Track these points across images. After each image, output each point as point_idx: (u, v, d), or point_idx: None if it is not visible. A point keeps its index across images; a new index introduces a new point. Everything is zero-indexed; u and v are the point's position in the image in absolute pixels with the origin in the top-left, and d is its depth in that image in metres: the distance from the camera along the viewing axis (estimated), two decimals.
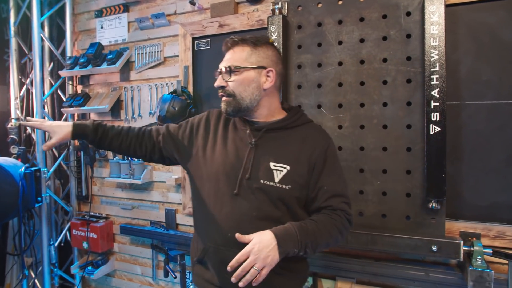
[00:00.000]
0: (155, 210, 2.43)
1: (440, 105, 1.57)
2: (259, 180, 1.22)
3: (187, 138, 1.39)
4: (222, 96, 1.30)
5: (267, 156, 1.25)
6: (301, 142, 1.28)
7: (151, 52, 2.36)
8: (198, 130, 1.38)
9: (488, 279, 1.47)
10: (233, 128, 1.34)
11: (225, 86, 1.28)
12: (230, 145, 1.29)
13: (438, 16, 1.57)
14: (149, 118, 2.38)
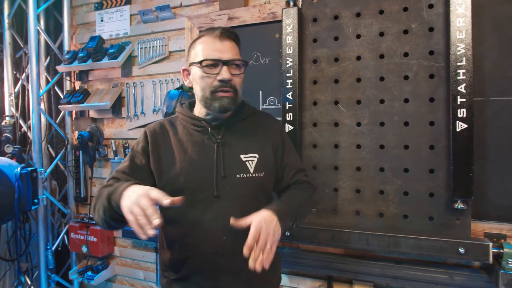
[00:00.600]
0: None
1: (467, 101, 1.51)
2: (236, 175, 1.20)
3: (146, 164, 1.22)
4: (227, 90, 1.18)
5: (235, 150, 1.24)
6: (258, 129, 1.31)
7: (155, 47, 2.25)
8: (149, 151, 1.22)
9: None
10: (187, 132, 1.24)
11: (231, 80, 1.18)
12: (193, 150, 1.21)
13: (465, 8, 1.51)
14: (152, 115, 2.27)
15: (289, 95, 1.79)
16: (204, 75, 1.18)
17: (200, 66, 1.18)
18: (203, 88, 1.20)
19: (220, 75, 1.16)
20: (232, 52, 1.19)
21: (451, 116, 1.53)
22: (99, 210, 1.09)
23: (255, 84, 2.01)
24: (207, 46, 1.18)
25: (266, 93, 1.99)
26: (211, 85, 1.18)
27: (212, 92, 1.18)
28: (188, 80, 1.29)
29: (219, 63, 1.16)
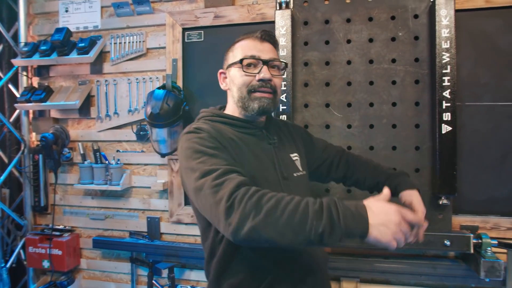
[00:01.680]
0: (134, 219, 2.17)
1: (451, 105, 1.64)
2: (293, 174, 1.21)
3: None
4: (266, 91, 1.14)
5: (286, 150, 1.26)
6: (286, 131, 1.34)
7: (131, 42, 2.10)
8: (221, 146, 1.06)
9: (499, 268, 1.57)
10: (236, 135, 1.13)
11: (271, 80, 1.15)
12: (249, 152, 1.11)
13: (449, 20, 1.64)
14: (127, 116, 2.11)
15: (282, 97, 1.79)
16: (243, 74, 1.14)
17: (239, 66, 1.14)
18: (240, 88, 1.15)
19: (260, 74, 1.13)
20: (273, 54, 1.18)
21: (437, 119, 1.65)
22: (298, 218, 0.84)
23: None
24: (247, 46, 1.16)
25: None
26: (249, 84, 1.14)
27: (249, 91, 1.14)
28: (225, 84, 1.25)
29: (259, 62, 1.14)
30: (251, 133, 1.18)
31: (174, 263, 2.01)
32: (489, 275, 1.57)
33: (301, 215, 0.83)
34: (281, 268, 1.08)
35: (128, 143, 2.16)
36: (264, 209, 0.84)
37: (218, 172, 0.93)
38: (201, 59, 2.02)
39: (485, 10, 1.74)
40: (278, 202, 0.85)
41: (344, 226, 0.82)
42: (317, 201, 0.87)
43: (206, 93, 2.02)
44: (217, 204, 0.88)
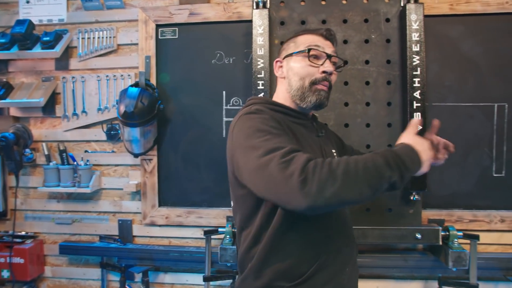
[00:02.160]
0: (104, 222, 2.08)
1: (421, 105, 1.73)
2: None
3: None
4: (326, 85, 1.17)
5: (330, 144, 1.32)
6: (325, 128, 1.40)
7: (101, 38, 2.00)
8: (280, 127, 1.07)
9: (465, 258, 1.68)
10: (295, 124, 1.18)
11: (332, 74, 1.18)
12: (307, 139, 1.18)
13: (419, 25, 1.73)
14: (97, 115, 2.02)
15: (261, 96, 1.79)
16: (308, 64, 1.16)
17: (304, 55, 1.16)
18: (303, 78, 1.16)
19: (323, 66, 1.15)
20: (334, 50, 1.21)
21: (408, 118, 1.74)
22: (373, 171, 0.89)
23: (218, 84, 1.96)
24: (312, 39, 1.19)
25: (230, 93, 1.96)
26: (312, 76, 1.16)
27: (312, 83, 1.15)
28: (281, 71, 1.25)
29: (324, 55, 1.16)
30: (302, 124, 1.21)
31: (149, 266, 1.95)
32: (456, 264, 1.68)
33: (375, 171, 0.89)
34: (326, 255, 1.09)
35: (97, 143, 2.06)
36: (339, 175, 0.87)
37: (285, 149, 0.92)
38: (175, 56, 1.97)
39: (450, 17, 1.85)
40: (348, 165, 0.89)
41: (411, 170, 0.95)
42: (378, 155, 0.93)
43: (181, 91, 1.98)
44: (287, 179, 0.86)
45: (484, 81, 1.85)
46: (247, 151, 0.97)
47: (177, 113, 1.99)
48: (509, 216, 1.85)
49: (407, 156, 0.95)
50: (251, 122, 1.03)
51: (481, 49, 1.85)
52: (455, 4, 1.83)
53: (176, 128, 1.99)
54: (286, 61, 1.23)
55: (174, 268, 2.03)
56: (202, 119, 1.98)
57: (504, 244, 1.89)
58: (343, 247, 1.15)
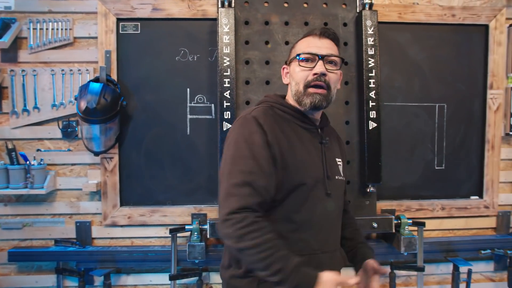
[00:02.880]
0: (59, 225, 1.96)
1: (376, 104, 1.88)
2: (335, 177, 1.27)
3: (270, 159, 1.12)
4: (320, 86, 1.18)
5: (333, 153, 1.32)
6: (335, 136, 1.43)
7: (55, 30, 1.89)
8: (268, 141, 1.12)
9: (414, 243, 1.86)
10: (292, 128, 1.21)
11: (326, 75, 1.18)
12: (303, 147, 1.19)
13: (373, 30, 1.87)
14: (51, 111, 1.90)
15: (226, 94, 1.82)
16: (300, 69, 1.20)
17: (297, 61, 1.21)
18: (297, 82, 1.21)
19: (315, 68, 1.18)
20: (331, 49, 1.21)
21: (364, 116, 1.88)
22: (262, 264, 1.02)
23: (182, 81, 1.95)
24: (306, 43, 1.23)
25: (194, 91, 1.96)
26: (305, 79, 1.19)
27: (305, 86, 1.19)
28: (286, 78, 1.31)
29: (316, 57, 1.18)
30: (307, 129, 1.24)
31: (111, 268, 1.88)
32: (407, 249, 1.85)
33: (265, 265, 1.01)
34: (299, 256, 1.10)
35: (51, 141, 1.94)
36: (243, 244, 1.02)
37: (237, 181, 1.06)
38: (138, 52, 1.93)
39: (398, 24, 2.03)
40: (256, 246, 1.01)
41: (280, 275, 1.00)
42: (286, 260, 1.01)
43: (144, 88, 1.94)
44: (221, 207, 1.07)
45: (427, 83, 2.06)
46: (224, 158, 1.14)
47: (140, 110, 1.94)
48: (448, 204, 2.08)
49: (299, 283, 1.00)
50: (240, 130, 1.14)
51: (424, 54, 2.05)
52: (403, 13, 2.01)
53: (139, 126, 1.94)
54: (289, 67, 1.29)
55: (137, 269, 1.98)
56: (166, 116, 1.95)
57: (444, 229, 2.12)
58: (320, 253, 1.18)
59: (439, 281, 2.15)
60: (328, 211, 1.21)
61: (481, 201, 2.09)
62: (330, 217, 1.23)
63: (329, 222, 1.23)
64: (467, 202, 2.09)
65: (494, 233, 2.15)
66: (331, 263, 1.20)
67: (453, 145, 2.09)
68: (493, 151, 2.08)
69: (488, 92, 2.06)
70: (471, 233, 2.14)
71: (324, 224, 1.21)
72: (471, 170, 2.11)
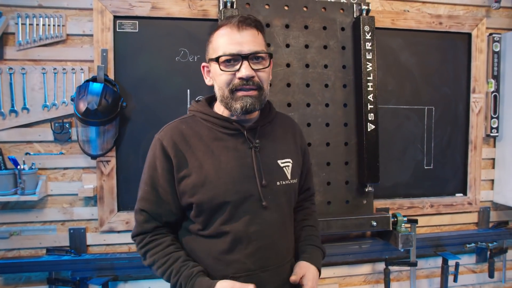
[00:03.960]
0: (51, 233, 1.85)
1: (374, 107, 1.94)
2: (276, 183, 1.13)
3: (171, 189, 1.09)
4: (250, 89, 1.05)
5: (272, 155, 1.15)
6: (287, 132, 1.24)
7: (46, 26, 1.78)
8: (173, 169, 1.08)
9: (411, 239, 1.94)
10: (214, 136, 1.10)
11: (254, 76, 1.05)
12: (227, 157, 1.07)
13: (371, 35, 1.94)
14: (42, 112, 1.78)
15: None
16: (222, 73, 1.05)
17: (216, 63, 1.05)
18: (221, 87, 1.07)
19: (240, 72, 1.03)
20: (254, 43, 1.04)
21: (363, 118, 1.94)
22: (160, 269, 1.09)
23: (182, 82, 1.91)
24: (224, 39, 1.05)
25: (194, 92, 1.93)
26: (230, 83, 1.05)
27: (231, 90, 1.05)
28: (209, 78, 1.16)
29: (239, 58, 1.03)
30: (231, 134, 1.11)
31: (110, 276, 1.80)
32: (404, 246, 1.93)
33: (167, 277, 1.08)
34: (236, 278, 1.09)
35: (41, 144, 1.82)
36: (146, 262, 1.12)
37: (137, 207, 1.13)
38: (136, 51, 1.86)
39: (391, 30, 2.11)
40: (154, 262, 1.09)
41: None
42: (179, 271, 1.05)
43: (142, 89, 1.87)
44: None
45: (417, 87, 2.16)
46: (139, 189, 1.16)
47: (138, 112, 1.87)
48: (436, 202, 2.20)
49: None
50: (148, 157, 1.14)
51: (415, 59, 2.15)
52: (396, 19, 2.10)
53: (137, 127, 1.88)
54: (210, 66, 1.13)
55: (135, 276, 1.91)
56: (165, 117, 1.86)
57: (432, 226, 2.24)
58: (259, 272, 1.09)
59: (427, 275, 2.27)
60: (267, 225, 1.09)
61: (465, 198, 2.23)
62: (270, 231, 1.10)
63: (270, 237, 1.10)
64: (453, 199, 2.22)
65: (476, 227, 2.30)
66: (276, 281, 1.12)
67: (440, 146, 2.21)
68: (476, 151, 2.23)
69: (471, 96, 2.21)
70: (455, 229, 2.28)
71: (262, 241, 1.08)
72: (456, 169, 2.24)
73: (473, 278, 2.32)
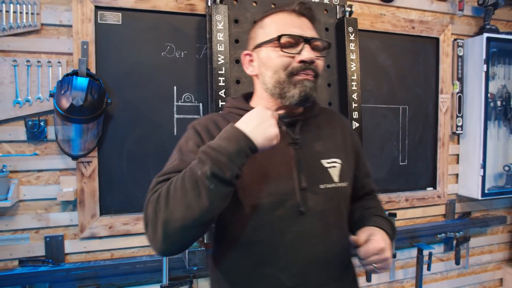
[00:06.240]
0: (23, 242, 1.67)
1: (358, 106, 2.01)
2: (318, 185, 0.98)
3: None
4: (308, 74, 0.96)
5: (316, 154, 1.02)
6: (335, 128, 1.12)
7: (18, 13, 1.61)
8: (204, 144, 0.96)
9: None
10: None
11: (314, 61, 0.97)
12: (262, 154, 0.90)
13: (354, 36, 2.01)
14: (13, 109, 1.61)
15: (221, 93, 1.77)
16: (281, 54, 0.95)
17: (275, 45, 0.96)
18: (277, 71, 0.96)
19: (301, 55, 0.95)
20: (313, 32, 1.00)
21: (348, 117, 2.00)
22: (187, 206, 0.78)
23: (168, 78, 1.84)
24: (283, 21, 0.98)
25: (181, 89, 1.86)
26: (289, 67, 0.96)
27: (290, 74, 0.96)
28: (252, 68, 1.05)
29: (301, 40, 0.96)
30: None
31: (94, 285, 1.67)
32: None
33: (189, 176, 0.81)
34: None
35: (11, 145, 1.64)
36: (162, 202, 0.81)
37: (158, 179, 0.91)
38: (119, 45, 1.75)
39: (370, 32, 2.20)
40: (168, 186, 0.84)
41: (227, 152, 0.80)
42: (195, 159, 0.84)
43: (126, 84, 1.77)
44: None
45: (393, 87, 2.28)
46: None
47: (121, 109, 1.76)
48: (411, 196, 2.33)
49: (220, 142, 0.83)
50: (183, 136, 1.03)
51: (391, 61, 2.26)
52: (374, 22, 2.20)
53: (120, 126, 1.76)
54: (256, 53, 1.03)
55: (118, 284, 1.79)
56: (151, 115, 1.81)
57: (407, 218, 2.37)
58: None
59: (402, 266, 2.39)
60: (306, 235, 0.95)
61: (435, 192, 2.39)
62: (310, 242, 0.95)
63: (309, 249, 0.95)
64: (424, 193, 2.36)
65: (444, 219, 2.47)
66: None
67: (414, 143, 2.34)
68: (444, 148, 2.39)
69: (439, 96, 2.37)
70: (426, 221, 2.43)
71: (299, 253, 0.94)
72: (427, 164, 2.39)
73: (441, 266, 2.49)
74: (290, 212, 0.95)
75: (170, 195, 0.80)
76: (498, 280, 2.70)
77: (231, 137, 0.82)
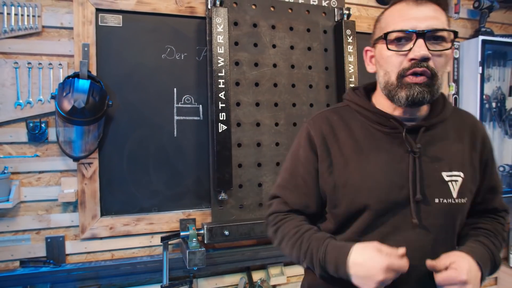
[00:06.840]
0: (24, 244, 1.68)
1: None
2: (434, 199, 0.90)
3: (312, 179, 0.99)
4: (421, 73, 0.85)
5: (437, 165, 0.92)
6: (464, 136, 0.98)
7: (19, 15, 1.62)
8: (317, 159, 0.97)
9: None
10: (367, 133, 0.95)
11: (429, 59, 0.85)
12: (377, 158, 0.90)
13: (352, 39, 2.03)
14: (14, 111, 1.62)
15: (221, 95, 1.79)
16: (390, 54, 0.87)
17: (383, 42, 0.88)
18: (387, 72, 0.89)
19: (412, 51, 0.84)
20: (434, 19, 0.85)
21: None
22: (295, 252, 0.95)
23: (169, 80, 1.85)
24: (397, 14, 0.88)
25: (181, 91, 1.88)
26: (399, 67, 0.86)
27: (400, 76, 0.86)
28: (371, 65, 0.99)
29: (412, 34, 0.84)
30: (387, 133, 0.93)
31: (94, 286, 1.69)
32: None
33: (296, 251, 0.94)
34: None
35: (12, 146, 1.65)
36: (276, 240, 1.02)
37: (273, 192, 1.07)
38: (120, 47, 1.76)
39: (368, 35, 2.22)
40: (283, 238, 0.99)
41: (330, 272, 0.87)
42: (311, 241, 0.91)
43: (127, 86, 1.78)
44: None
45: None
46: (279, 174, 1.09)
47: (122, 111, 1.78)
48: None
49: (331, 263, 0.86)
50: (294, 143, 1.06)
51: None
52: (371, 25, 2.18)
53: (121, 127, 1.78)
54: (375, 49, 0.96)
55: (118, 284, 1.81)
56: (151, 117, 1.83)
57: None
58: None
59: None
60: (411, 248, 0.86)
61: None
62: (413, 255, 0.85)
63: (417, 264, 0.87)
64: None
65: None
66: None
67: None
68: None
69: None
70: None
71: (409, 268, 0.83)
72: None
73: None
74: (400, 222, 0.90)
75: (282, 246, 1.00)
76: (493, 279, 2.73)
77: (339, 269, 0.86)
